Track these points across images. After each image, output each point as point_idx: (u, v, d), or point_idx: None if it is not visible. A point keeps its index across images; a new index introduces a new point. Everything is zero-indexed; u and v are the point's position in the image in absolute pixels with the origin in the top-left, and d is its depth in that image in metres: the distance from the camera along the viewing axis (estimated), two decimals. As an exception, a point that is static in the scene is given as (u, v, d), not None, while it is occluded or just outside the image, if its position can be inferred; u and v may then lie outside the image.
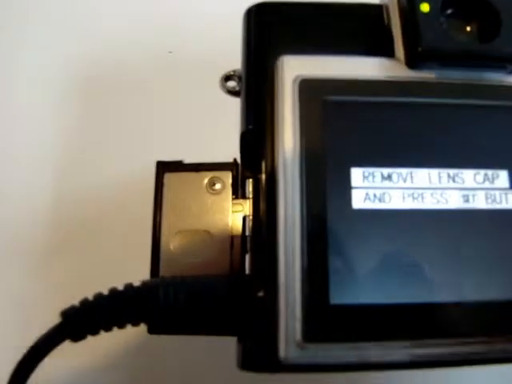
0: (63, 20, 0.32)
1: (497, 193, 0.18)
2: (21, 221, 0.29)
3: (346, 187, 0.17)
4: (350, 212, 0.17)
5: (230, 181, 0.20)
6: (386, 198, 0.18)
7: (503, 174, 0.18)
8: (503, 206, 0.18)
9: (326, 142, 0.18)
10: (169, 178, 0.20)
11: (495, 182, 0.18)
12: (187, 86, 0.30)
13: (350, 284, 0.17)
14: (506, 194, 0.18)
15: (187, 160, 0.20)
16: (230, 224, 0.20)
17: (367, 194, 0.17)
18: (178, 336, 0.19)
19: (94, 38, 0.32)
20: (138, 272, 0.19)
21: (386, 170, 0.18)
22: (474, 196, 0.18)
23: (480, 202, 0.18)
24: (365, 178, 0.18)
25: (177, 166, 0.20)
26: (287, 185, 0.17)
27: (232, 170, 0.20)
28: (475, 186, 0.18)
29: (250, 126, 0.19)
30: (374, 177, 0.18)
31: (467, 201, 0.18)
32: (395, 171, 0.18)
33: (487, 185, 0.18)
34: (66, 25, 0.32)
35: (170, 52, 0.31)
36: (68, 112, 0.31)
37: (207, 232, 0.20)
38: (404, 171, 0.18)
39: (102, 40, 0.32)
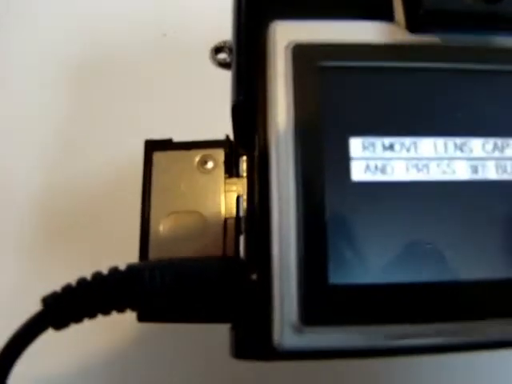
0: (49, 4, 0.31)
1: (508, 163, 0.16)
2: (8, 209, 0.27)
3: (344, 159, 0.16)
4: (349, 185, 0.15)
5: (223, 159, 0.18)
6: (388, 169, 0.16)
7: (514, 143, 0.16)
8: (515, 176, 0.16)
9: (322, 111, 0.16)
10: (158, 157, 0.19)
11: (505, 151, 0.16)
12: (176, 65, 0.28)
13: (351, 262, 0.15)
14: (517, 164, 0.16)
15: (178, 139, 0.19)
16: (223, 205, 0.18)
17: (367, 166, 0.16)
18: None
19: (83, 23, 0.30)
20: (130, 258, 0.18)
21: (387, 140, 0.16)
22: (483, 166, 0.16)
23: (490, 173, 0.16)
24: (365, 148, 0.16)
25: (166, 145, 0.19)
26: (280, 158, 0.16)
27: (225, 148, 0.19)
28: (484, 155, 0.16)
29: (241, 98, 0.17)
30: (374, 147, 0.16)
31: (476, 171, 0.16)
32: (397, 140, 0.16)
33: (497, 154, 0.16)
34: (53, 9, 0.30)
35: (164, 35, 0.29)
36: (57, 98, 0.29)
37: (199, 213, 0.18)
38: (407, 140, 0.16)
39: (91, 25, 0.30)
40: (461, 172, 0.16)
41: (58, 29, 0.30)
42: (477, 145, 0.16)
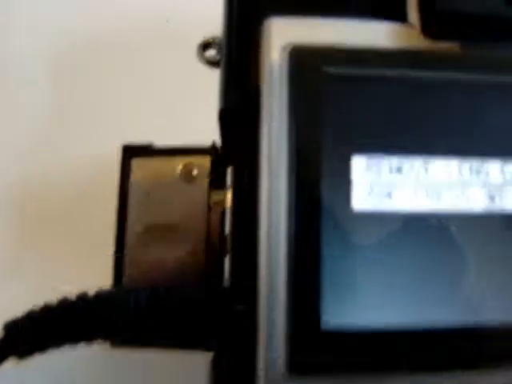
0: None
1: (529, 190, 0.13)
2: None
3: (344, 181, 0.13)
4: (348, 213, 0.12)
5: (208, 168, 0.16)
6: (395, 195, 0.13)
7: (537, 167, 0.13)
8: (537, 206, 0.13)
9: (322, 123, 0.13)
10: (136, 164, 0.16)
11: (527, 176, 0.13)
12: (162, 61, 0.24)
13: (347, 303, 0.12)
14: (540, 191, 0.13)
15: (159, 144, 0.16)
16: (206, 219, 0.15)
17: (371, 191, 0.13)
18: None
19: (66, 14, 0.26)
20: (103, 265, 0.15)
21: (395, 160, 0.13)
22: (501, 194, 0.13)
23: (509, 202, 0.13)
24: (369, 169, 0.13)
25: (146, 151, 0.16)
26: (272, 175, 0.13)
27: (210, 155, 0.16)
28: (503, 181, 0.13)
29: (230, 102, 0.14)
30: (380, 168, 0.13)
31: (493, 200, 0.13)
32: (406, 162, 0.13)
33: (518, 180, 0.13)
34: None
35: (167, 21, 0.25)
36: (35, 95, 0.25)
37: (180, 228, 0.15)
38: (417, 162, 0.13)
39: (71, 16, 0.26)
40: (476, 200, 0.13)
41: (37, 24, 0.26)
42: (495, 168, 0.13)
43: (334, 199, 0.12)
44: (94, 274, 0.15)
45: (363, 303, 0.12)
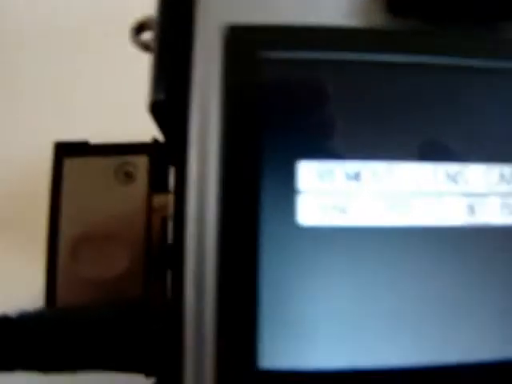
0: None
1: (518, 200, 0.11)
2: None
3: (289, 192, 0.10)
4: (294, 231, 0.10)
5: (148, 168, 0.13)
6: (352, 208, 0.10)
7: (529, 172, 0.11)
8: (527, 219, 0.10)
9: (263, 121, 0.10)
10: (70, 164, 0.13)
11: (516, 183, 0.11)
12: (96, 45, 0.21)
13: (291, 340, 0.10)
14: (531, 200, 0.11)
15: (94, 140, 0.14)
16: (146, 226, 0.13)
17: (323, 203, 0.10)
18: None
19: None
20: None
21: (351, 166, 0.10)
22: (482, 205, 0.10)
23: (492, 215, 0.10)
24: (320, 177, 0.10)
25: (80, 149, 0.13)
26: (202, 186, 0.10)
27: (150, 154, 0.13)
28: (485, 190, 0.11)
29: (161, 95, 0.12)
30: (333, 175, 0.10)
31: (473, 212, 0.11)
32: (366, 167, 0.10)
33: (504, 188, 0.10)
34: None
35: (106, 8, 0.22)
36: None
37: (117, 237, 0.13)
38: (380, 167, 0.10)
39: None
40: (454, 213, 0.10)
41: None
42: (476, 174, 0.11)
43: (276, 215, 0.10)
44: (22, 290, 0.13)
45: (310, 341, 0.10)
